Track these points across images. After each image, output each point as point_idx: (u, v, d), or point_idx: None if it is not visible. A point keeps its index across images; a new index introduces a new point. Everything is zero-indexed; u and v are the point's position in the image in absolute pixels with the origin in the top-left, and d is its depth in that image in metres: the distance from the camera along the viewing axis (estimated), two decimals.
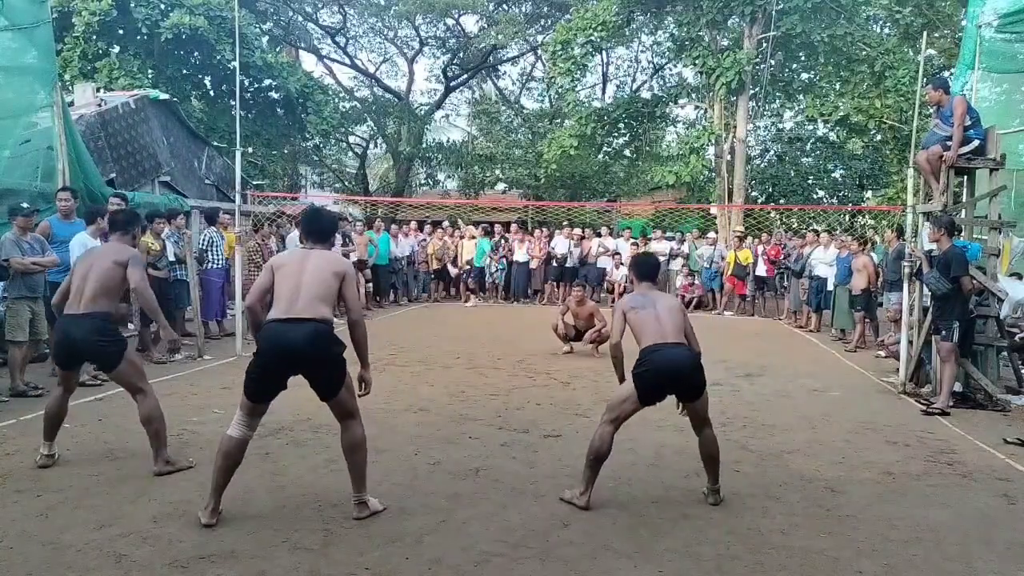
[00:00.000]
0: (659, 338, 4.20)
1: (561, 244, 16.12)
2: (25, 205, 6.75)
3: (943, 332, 6.89)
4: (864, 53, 18.70)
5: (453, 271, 16.35)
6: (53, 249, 6.82)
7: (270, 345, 3.69)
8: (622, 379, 4.43)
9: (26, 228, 6.55)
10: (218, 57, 17.84)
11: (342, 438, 3.89)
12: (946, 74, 17.12)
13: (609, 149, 25.01)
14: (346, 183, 30.97)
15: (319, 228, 4.09)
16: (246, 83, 18.68)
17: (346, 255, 12.75)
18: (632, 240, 16.51)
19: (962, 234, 7.68)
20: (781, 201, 23.71)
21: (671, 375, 4.14)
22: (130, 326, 9.82)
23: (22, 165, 8.89)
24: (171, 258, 8.54)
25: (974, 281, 6.91)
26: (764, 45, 19.43)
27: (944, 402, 6.79)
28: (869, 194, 25.18)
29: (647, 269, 4.66)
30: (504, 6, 27.05)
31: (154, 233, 8.39)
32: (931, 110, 8.51)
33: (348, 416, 3.87)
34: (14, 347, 6.36)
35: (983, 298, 7.37)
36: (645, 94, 26.24)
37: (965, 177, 7.97)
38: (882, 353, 9.82)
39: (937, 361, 7.24)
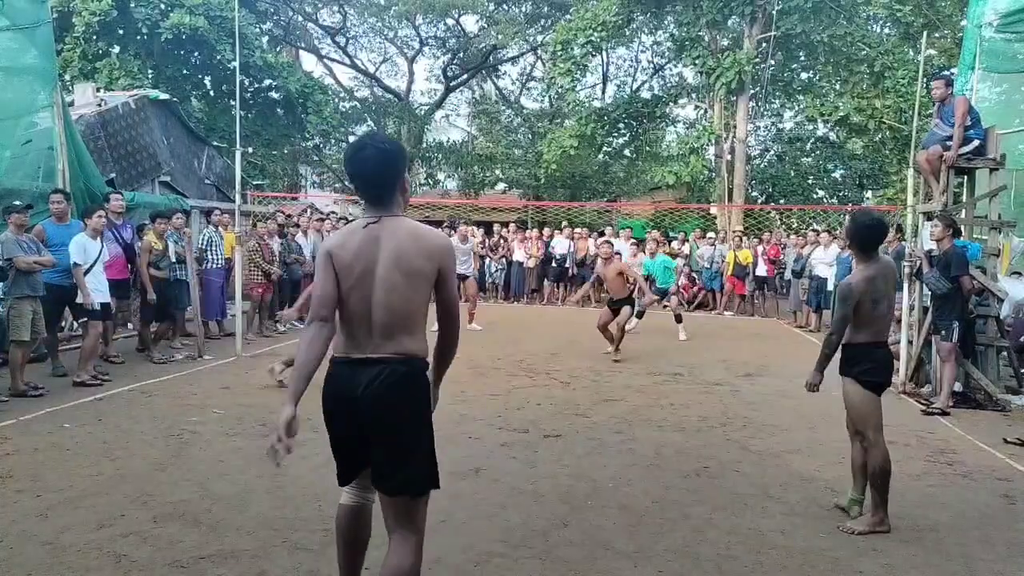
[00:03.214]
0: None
1: (561, 244, 16.11)
2: (18, 203, 6.73)
3: (943, 332, 6.89)
4: (864, 53, 18.71)
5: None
6: (49, 252, 6.80)
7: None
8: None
9: (21, 226, 6.53)
10: (218, 57, 17.85)
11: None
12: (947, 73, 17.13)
13: (609, 149, 25.01)
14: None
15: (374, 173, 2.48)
16: (246, 83, 18.69)
17: None
18: (632, 240, 16.49)
19: (962, 234, 7.68)
20: (781, 201, 23.71)
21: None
22: (129, 326, 9.84)
23: (24, 165, 8.89)
24: (172, 258, 8.55)
25: (974, 281, 6.91)
26: (764, 45, 19.45)
27: (944, 402, 6.79)
28: (869, 194, 25.18)
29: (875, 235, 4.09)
30: (504, 6, 27.06)
31: (157, 233, 8.40)
32: (931, 109, 8.46)
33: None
34: (16, 347, 6.36)
35: (983, 298, 7.37)
36: (645, 94, 26.26)
37: (965, 177, 7.97)
38: None
39: (937, 361, 7.24)
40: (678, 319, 11.38)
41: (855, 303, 3.93)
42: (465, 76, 29.91)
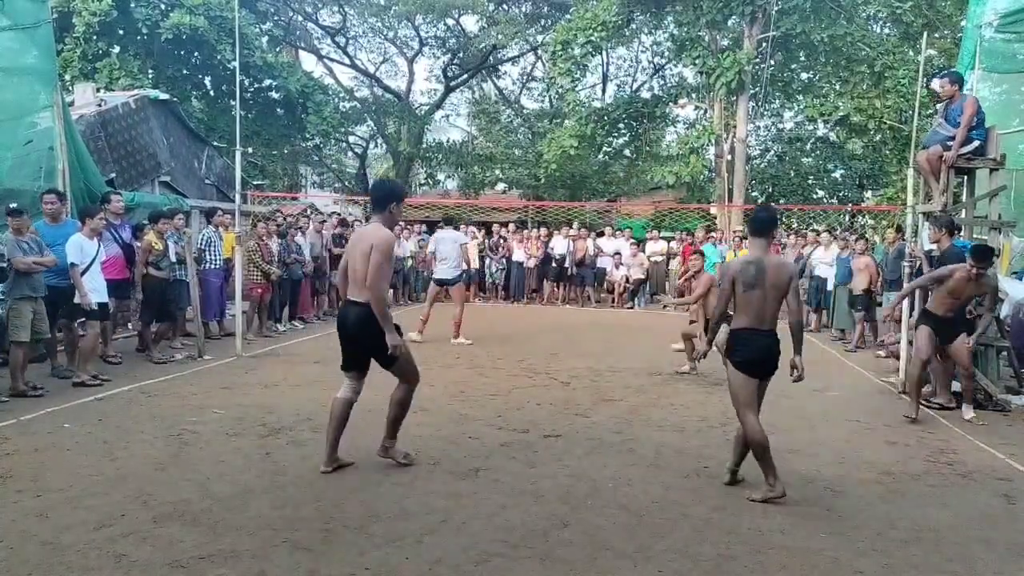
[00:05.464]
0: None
1: (560, 244, 16.12)
2: (13, 205, 6.72)
3: None
4: (864, 53, 18.71)
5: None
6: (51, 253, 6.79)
7: None
8: None
9: (20, 228, 6.52)
10: (218, 57, 17.86)
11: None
12: (936, 80, 17.11)
13: (609, 149, 25.01)
14: (346, 183, 30.96)
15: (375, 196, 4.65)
16: (246, 83, 18.70)
17: (339, 256, 12.74)
18: (632, 240, 16.50)
19: (962, 234, 7.67)
20: (781, 201, 23.70)
21: None
22: (129, 326, 9.84)
23: (26, 166, 8.88)
24: (173, 259, 8.55)
25: None
26: (764, 45, 19.45)
27: (945, 398, 6.81)
28: (869, 194, 25.19)
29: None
30: (504, 6, 27.05)
31: (158, 233, 8.40)
32: (931, 110, 8.36)
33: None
34: (16, 347, 6.36)
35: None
36: (645, 94, 26.25)
37: (965, 177, 7.97)
38: (882, 353, 9.82)
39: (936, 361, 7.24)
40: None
41: (729, 282, 4.37)
42: (465, 76, 29.89)
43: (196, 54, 18.37)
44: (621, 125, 23.27)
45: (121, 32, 17.61)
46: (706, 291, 8.04)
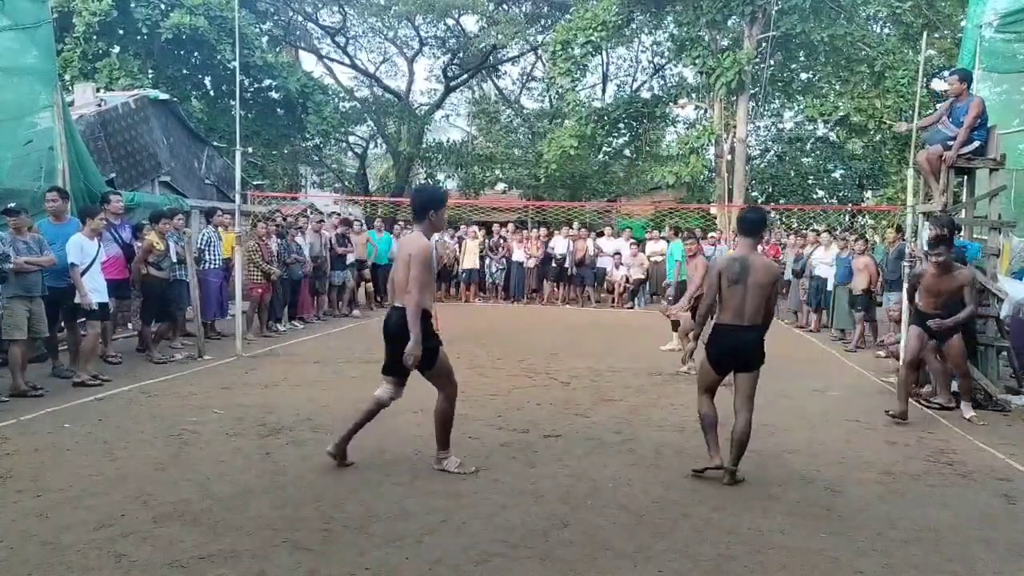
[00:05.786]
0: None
1: (560, 244, 16.12)
2: (11, 205, 6.72)
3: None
4: (864, 53, 18.71)
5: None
6: (51, 252, 6.78)
7: None
8: None
9: (18, 227, 6.51)
10: (218, 57, 17.85)
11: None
12: (945, 75, 17.11)
13: (609, 149, 24.99)
14: (346, 183, 30.97)
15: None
16: (246, 83, 18.69)
17: (344, 255, 12.76)
18: (632, 240, 16.49)
19: (962, 234, 7.67)
20: (781, 201, 23.71)
21: None
22: (129, 326, 9.84)
23: (27, 166, 8.89)
24: (174, 259, 8.55)
25: None
26: (764, 45, 19.44)
27: (945, 398, 6.80)
28: (869, 194, 25.18)
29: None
30: (504, 6, 27.04)
31: (159, 233, 8.40)
32: (932, 109, 8.26)
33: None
34: (13, 346, 6.35)
35: (983, 298, 7.36)
36: (645, 94, 26.25)
37: (965, 177, 7.97)
38: (882, 353, 9.82)
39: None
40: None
41: (716, 277, 4.63)
42: (465, 76, 29.88)
43: (196, 54, 18.36)
44: (621, 125, 23.26)
45: (121, 32, 17.60)
46: (705, 272, 7.87)
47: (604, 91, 29.10)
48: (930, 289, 6.38)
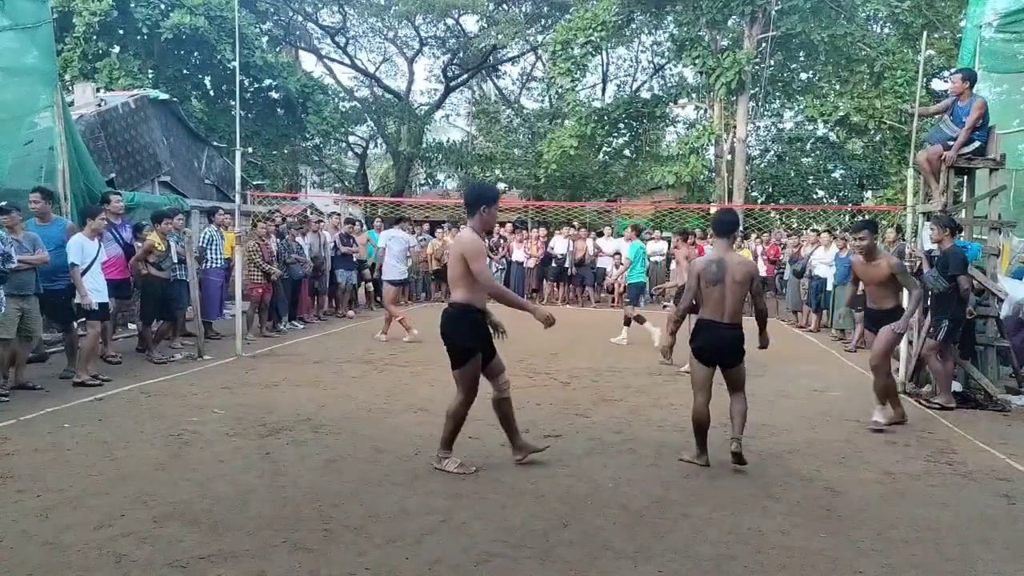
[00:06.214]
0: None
1: (560, 244, 16.11)
2: (3, 204, 6.70)
3: (931, 329, 6.88)
4: (864, 53, 18.70)
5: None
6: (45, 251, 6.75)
7: None
8: None
9: (11, 226, 6.49)
10: (218, 57, 17.86)
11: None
12: (946, 75, 17.13)
13: (609, 149, 25.00)
14: (346, 183, 30.98)
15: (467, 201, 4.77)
16: (246, 83, 18.69)
17: (348, 255, 12.76)
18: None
19: (962, 234, 7.67)
20: (781, 201, 23.71)
21: None
22: (129, 326, 9.83)
23: (27, 166, 8.88)
24: (175, 259, 8.55)
25: (972, 280, 6.90)
26: (764, 45, 19.44)
27: (945, 398, 6.80)
28: (869, 194, 25.17)
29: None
30: (504, 6, 27.05)
31: (160, 233, 8.40)
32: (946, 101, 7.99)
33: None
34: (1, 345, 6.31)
35: (983, 298, 7.36)
36: (645, 94, 26.25)
37: (965, 177, 7.96)
38: None
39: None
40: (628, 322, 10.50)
41: (695, 278, 4.87)
42: (465, 76, 29.90)
43: (196, 54, 18.37)
44: (621, 125, 23.25)
45: (121, 32, 17.61)
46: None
47: (604, 91, 29.13)
48: (865, 278, 6.35)
